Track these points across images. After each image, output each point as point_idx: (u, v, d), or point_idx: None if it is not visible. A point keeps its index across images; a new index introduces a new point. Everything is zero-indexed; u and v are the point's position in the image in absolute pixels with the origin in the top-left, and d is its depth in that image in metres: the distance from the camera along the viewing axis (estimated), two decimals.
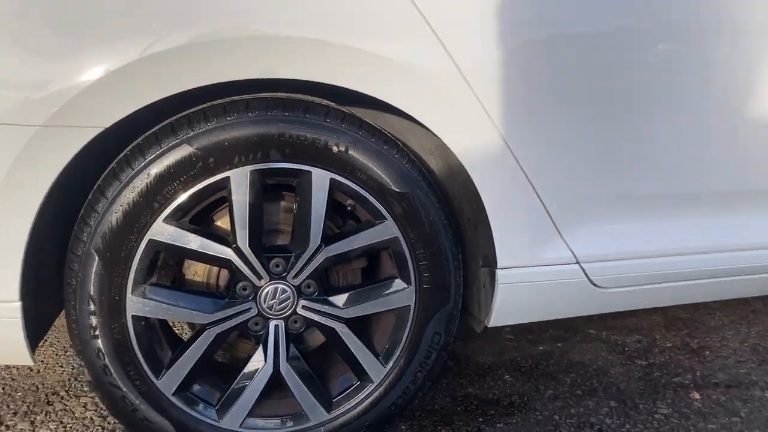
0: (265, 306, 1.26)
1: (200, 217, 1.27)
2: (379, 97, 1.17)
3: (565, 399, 1.56)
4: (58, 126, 1.07)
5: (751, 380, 1.64)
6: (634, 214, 1.38)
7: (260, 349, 1.29)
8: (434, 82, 1.18)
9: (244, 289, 1.25)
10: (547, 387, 1.61)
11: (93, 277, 1.17)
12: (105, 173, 1.17)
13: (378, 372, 1.33)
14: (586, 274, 1.38)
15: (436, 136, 1.22)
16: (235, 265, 1.22)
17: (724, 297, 1.63)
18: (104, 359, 1.22)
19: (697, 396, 1.58)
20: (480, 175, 1.25)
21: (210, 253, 1.21)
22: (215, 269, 1.32)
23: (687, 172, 1.39)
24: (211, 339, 1.25)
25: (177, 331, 1.60)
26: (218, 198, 1.24)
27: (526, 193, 1.28)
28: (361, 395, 1.34)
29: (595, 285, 1.39)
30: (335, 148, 1.19)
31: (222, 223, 1.30)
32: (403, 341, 1.33)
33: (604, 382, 1.63)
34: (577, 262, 1.36)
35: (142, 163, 1.15)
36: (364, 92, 1.17)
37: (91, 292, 1.18)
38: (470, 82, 1.19)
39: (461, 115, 1.21)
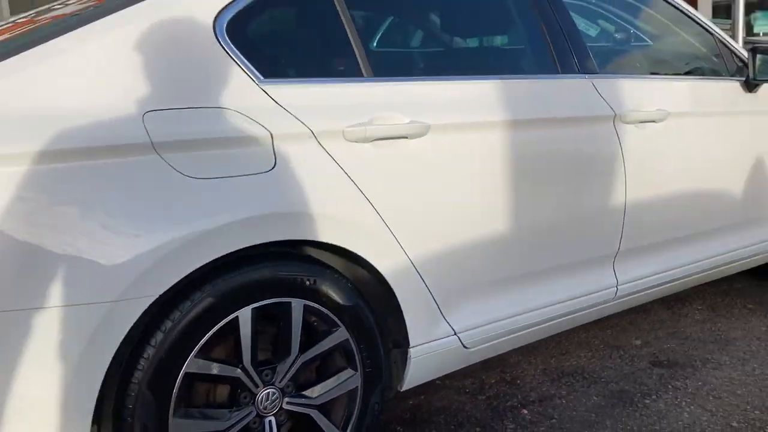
0: (261, 407, 1.67)
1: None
2: (337, 244, 1.69)
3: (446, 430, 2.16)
4: (127, 299, 1.42)
5: (551, 393, 2.40)
6: (491, 293, 2.05)
7: None
8: (368, 229, 1.74)
9: (245, 397, 1.65)
10: (432, 427, 2.20)
11: (146, 408, 1.49)
12: (145, 328, 1.51)
13: None
14: (460, 342, 2.01)
15: (366, 261, 1.77)
16: (242, 379, 1.62)
17: (552, 333, 2.36)
18: None
19: (525, 411, 2.29)
20: (395, 280, 1.82)
21: (225, 374, 1.60)
22: (215, 386, 1.69)
23: (525, 261, 2.11)
24: None
25: None
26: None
27: (425, 294, 1.88)
28: None
29: (465, 347, 2.03)
30: (307, 282, 1.68)
31: (222, 348, 1.67)
32: (355, 413, 1.82)
33: (463, 415, 2.26)
34: (454, 334, 1.99)
35: (178, 316, 1.51)
36: (326, 241, 1.68)
37: (145, 421, 1.49)
38: (390, 228, 1.77)
39: (383, 246, 1.78)
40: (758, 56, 2.74)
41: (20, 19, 2.01)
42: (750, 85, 2.81)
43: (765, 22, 12.20)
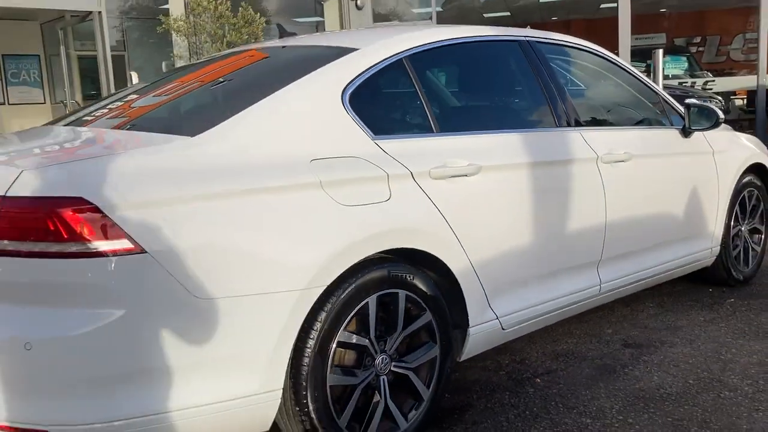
0: (378, 369, 2.35)
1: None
2: (426, 251, 2.40)
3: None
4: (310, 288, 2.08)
5: (554, 368, 3.15)
6: (519, 288, 2.80)
7: (376, 392, 2.36)
8: (445, 240, 2.46)
9: (369, 361, 2.32)
10: (473, 393, 2.91)
11: (315, 367, 2.14)
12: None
13: (426, 394, 2.49)
14: (500, 324, 2.74)
15: (443, 263, 2.47)
16: (368, 348, 2.30)
17: (558, 320, 3.11)
18: (314, 414, 2.17)
19: (538, 380, 3.03)
20: (462, 279, 2.53)
21: (359, 343, 2.27)
22: (352, 351, 2.33)
23: (542, 264, 2.87)
24: (360, 392, 2.29)
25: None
26: None
27: (479, 288, 2.61)
28: (420, 408, 2.47)
29: (503, 329, 2.76)
30: (407, 278, 2.38)
31: (358, 324, 2.32)
32: (435, 375, 2.51)
33: (492, 384, 2.98)
34: (497, 318, 2.72)
35: (334, 300, 2.18)
36: (421, 249, 2.38)
37: (313, 375, 2.15)
38: (459, 239, 2.49)
39: (454, 253, 2.50)
40: (691, 110, 3.64)
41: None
42: (686, 132, 3.70)
43: (673, 65, 13.67)
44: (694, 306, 3.93)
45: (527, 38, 3.12)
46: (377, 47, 2.59)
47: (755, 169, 4.21)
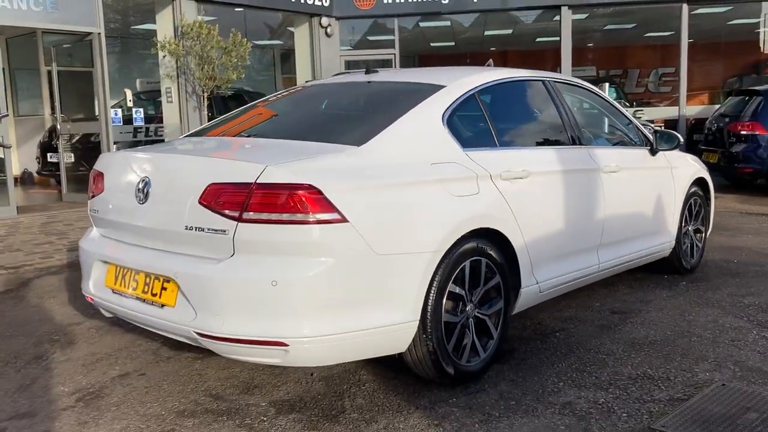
0: (468, 313, 3.29)
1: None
2: (498, 229, 3.37)
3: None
4: (437, 251, 3.02)
5: (565, 327, 4.16)
6: (552, 261, 3.80)
7: (467, 330, 3.30)
8: (509, 223, 3.44)
9: (463, 306, 3.26)
10: (511, 343, 3.88)
11: (435, 308, 3.06)
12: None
13: (495, 334, 3.44)
14: (539, 288, 3.74)
15: (507, 239, 3.44)
16: (464, 297, 3.24)
17: (572, 289, 4.14)
18: (434, 340, 3.08)
19: (557, 334, 4.03)
20: (523, 253, 3.51)
21: (459, 293, 3.21)
22: (454, 299, 3.25)
23: (566, 245, 3.89)
24: (458, 328, 3.23)
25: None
26: None
27: (528, 260, 3.60)
28: (491, 344, 3.43)
29: (540, 292, 3.76)
30: (487, 249, 3.34)
31: (459, 280, 3.24)
32: (501, 321, 3.48)
33: (524, 337, 3.96)
34: (537, 284, 3.72)
35: (447, 261, 3.12)
36: (495, 228, 3.36)
37: (434, 313, 3.07)
38: (517, 222, 3.48)
39: (515, 232, 3.48)
40: (657, 135, 4.78)
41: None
42: (653, 152, 4.83)
43: (611, 94, 15.26)
44: (656, 287, 5.06)
45: (547, 78, 4.18)
46: (458, 84, 3.56)
47: (698, 182, 5.41)
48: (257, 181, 2.71)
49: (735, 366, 3.48)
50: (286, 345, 2.72)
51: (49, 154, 11.19)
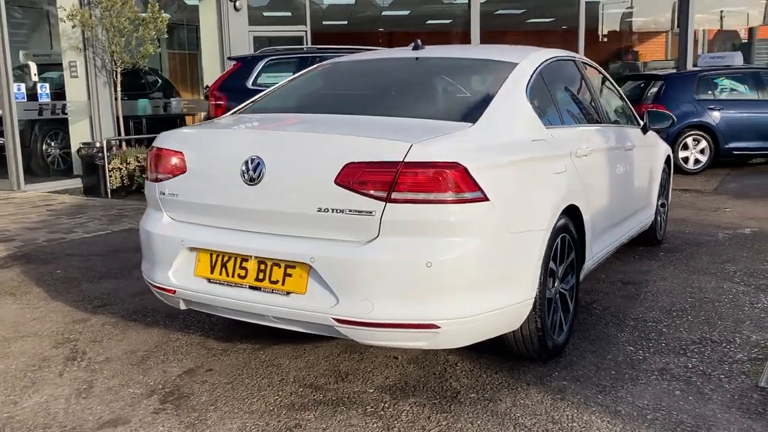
0: (553, 287, 3.36)
1: None
2: (577, 205, 3.46)
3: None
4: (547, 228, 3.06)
5: (597, 297, 4.35)
6: (605, 232, 3.95)
7: (556, 306, 3.37)
8: (582, 198, 3.54)
9: (554, 284, 3.32)
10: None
11: (541, 283, 3.10)
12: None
13: (571, 307, 3.53)
14: (592, 262, 3.88)
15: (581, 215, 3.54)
16: (555, 273, 3.30)
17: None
18: (540, 316, 3.12)
19: (595, 306, 4.21)
20: (588, 227, 3.63)
21: (554, 269, 3.27)
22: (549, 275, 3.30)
23: (613, 216, 4.05)
24: (552, 306, 3.29)
25: None
26: None
27: (591, 234, 3.72)
28: (569, 316, 3.52)
29: (591, 265, 3.90)
30: (569, 226, 3.42)
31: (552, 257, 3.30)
32: (574, 294, 3.58)
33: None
34: (592, 257, 3.85)
35: (549, 239, 3.17)
36: (575, 204, 3.44)
37: (540, 289, 3.11)
38: (587, 196, 3.59)
39: (585, 206, 3.59)
40: (650, 114, 5.08)
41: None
42: (644, 130, 5.13)
43: None
44: (641, 258, 5.40)
45: (578, 58, 4.31)
46: (529, 61, 3.58)
47: (666, 159, 5.81)
48: (405, 160, 2.60)
49: None
50: (437, 327, 2.65)
51: None
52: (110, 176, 9.09)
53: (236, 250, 2.88)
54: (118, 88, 9.57)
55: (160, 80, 13.40)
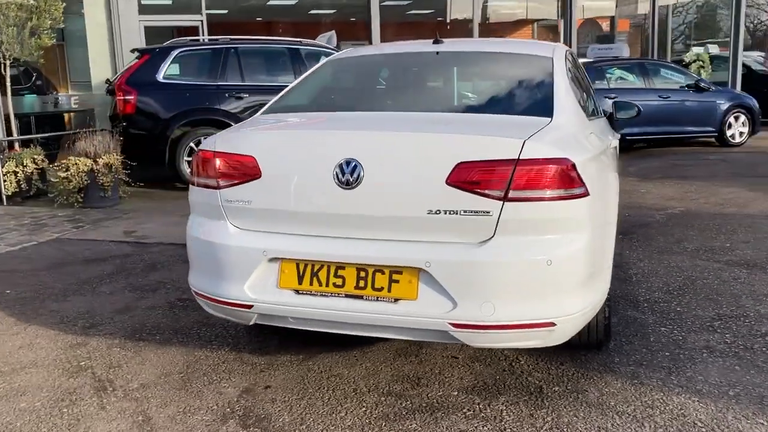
0: None
1: None
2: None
3: None
4: None
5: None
6: None
7: None
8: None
9: None
10: None
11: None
12: None
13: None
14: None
15: None
16: None
17: None
18: (609, 309, 3.20)
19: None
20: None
21: None
22: None
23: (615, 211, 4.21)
24: None
25: None
26: None
27: None
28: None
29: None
30: None
31: None
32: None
33: None
34: None
35: None
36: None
37: None
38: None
39: None
40: (616, 105, 5.34)
41: None
42: (611, 121, 5.38)
43: None
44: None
45: (570, 50, 4.44)
46: (558, 56, 3.61)
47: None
48: (520, 157, 2.56)
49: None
50: (553, 325, 2.63)
51: None
52: (5, 181, 8.20)
53: (330, 258, 2.70)
54: (7, 83, 8.64)
55: (34, 73, 12.26)
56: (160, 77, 8.72)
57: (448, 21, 18.26)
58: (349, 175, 2.65)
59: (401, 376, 3.18)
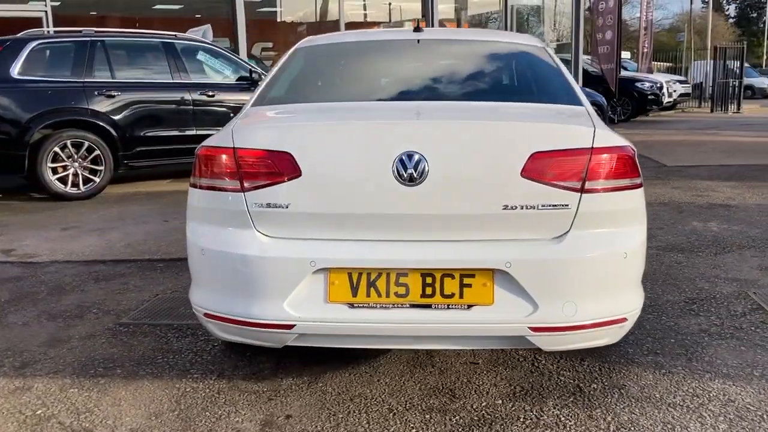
0: None
1: None
2: None
3: None
4: None
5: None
6: None
7: None
8: None
9: None
10: None
11: None
12: None
13: None
14: None
15: None
16: None
17: None
18: None
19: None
20: None
21: None
22: None
23: None
24: None
25: None
26: None
27: None
28: None
29: None
30: None
31: None
32: None
33: None
34: None
35: None
36: None
37: None
38: None
39: None
40: None
41: None
42: None
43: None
44: None
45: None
46: (544, 44, 3.52)
47: None
48: (594, 146, 2.40)
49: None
50: (625, 321, 2.51)
51: None
52: None
53: (389, 264, 2.37)
54: None
55: None
56: (14, 73, 7.66)
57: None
58: (412, 170, 2.34)
59: (430, 390, 2.92)
